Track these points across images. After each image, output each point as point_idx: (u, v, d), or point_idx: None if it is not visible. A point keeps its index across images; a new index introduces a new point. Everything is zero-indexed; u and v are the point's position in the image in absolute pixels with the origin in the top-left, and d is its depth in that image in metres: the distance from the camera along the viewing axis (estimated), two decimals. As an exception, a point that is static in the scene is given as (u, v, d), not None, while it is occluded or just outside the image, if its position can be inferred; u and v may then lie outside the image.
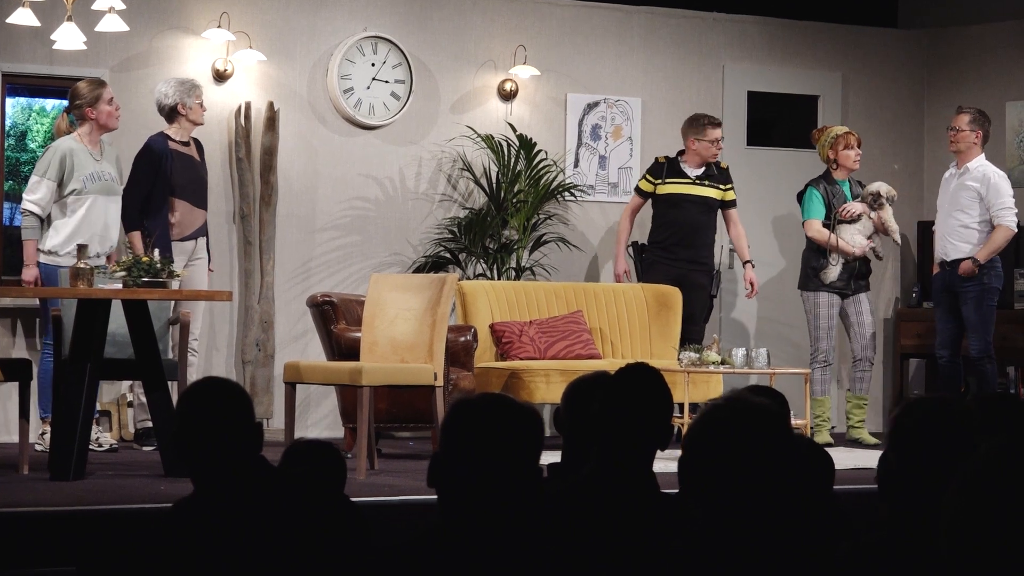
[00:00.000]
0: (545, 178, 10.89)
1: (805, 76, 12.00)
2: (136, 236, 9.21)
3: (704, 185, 10.56)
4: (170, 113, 9.39)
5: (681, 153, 10.65)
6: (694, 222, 10.52)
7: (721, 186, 10.62)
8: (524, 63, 11.03)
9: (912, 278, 12.10)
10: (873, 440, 10.26)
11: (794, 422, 8.62)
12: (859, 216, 10.42)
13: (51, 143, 9.07)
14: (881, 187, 10.45)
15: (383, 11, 10.79)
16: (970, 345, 10.15)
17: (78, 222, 8.98)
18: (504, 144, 10.83)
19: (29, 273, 8.98)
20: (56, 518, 6.47)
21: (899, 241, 10.50)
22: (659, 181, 10.56)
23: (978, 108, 10.38)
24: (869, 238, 10.44)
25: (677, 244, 10.54)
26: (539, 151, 10.89)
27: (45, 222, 9.01)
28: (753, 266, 10.78)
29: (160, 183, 9.26)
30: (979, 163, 10.18)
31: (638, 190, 10.71)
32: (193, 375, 9.01)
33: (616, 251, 10.79)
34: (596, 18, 11.40)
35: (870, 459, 7.13)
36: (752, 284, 10.74)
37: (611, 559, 3.60)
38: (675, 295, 10.51)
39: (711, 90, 11.72)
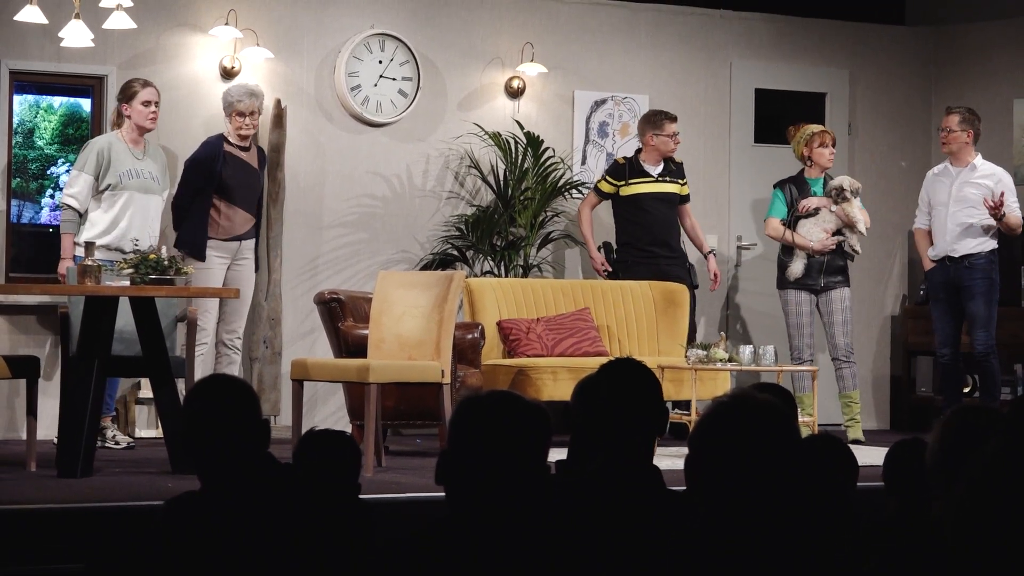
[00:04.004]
0: (552, 175, 10.89)
1: (812, 73, 11.99)
2: None
3: (666, 181, 10.59)
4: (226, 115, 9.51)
5: (639, 151, 10.65)
6: (663, 219, 10.57)
7: (679, 181, 10.65)
8: (531, 60, 11.03)
9: (919, 275, 12.07)
10: (862, 438, 10.22)
11: (800, 419, 8.62)
12: (816, 210, 10.41)
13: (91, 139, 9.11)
14: (844, 180, 10.41)
15: (390, 8, 10.79)
16: (975, 340, 10.09)
17: (114, 217, 8.99)
18: (511, 141, 10.82)
19: (64, 267, 8.96)
20: (64, 515, 6.47)
21: (864, 232, 10.39)
22: (622, 183, 10.54)
23: (967, 107, 10.40)
24: (838, 233, 10.39)
25: (652, 243, 10.57)
26: (546, 148, 10.88)
27: (83, 217, 9.01)
28: (716, 255, 10.82)
29: (207, 181, 9.32)
30: (984, 161, 10.22)
31: (597, 190, 10.67)
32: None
33: (589, 249, 10.76)
34: (603, 15, 11.39)
35: (870, 457, 7.12)
36: (716, 276, 10.76)
37: (617, 555, 3.61)
38: (682, 292, 10.51)
39: (718, 87, 11.71)
